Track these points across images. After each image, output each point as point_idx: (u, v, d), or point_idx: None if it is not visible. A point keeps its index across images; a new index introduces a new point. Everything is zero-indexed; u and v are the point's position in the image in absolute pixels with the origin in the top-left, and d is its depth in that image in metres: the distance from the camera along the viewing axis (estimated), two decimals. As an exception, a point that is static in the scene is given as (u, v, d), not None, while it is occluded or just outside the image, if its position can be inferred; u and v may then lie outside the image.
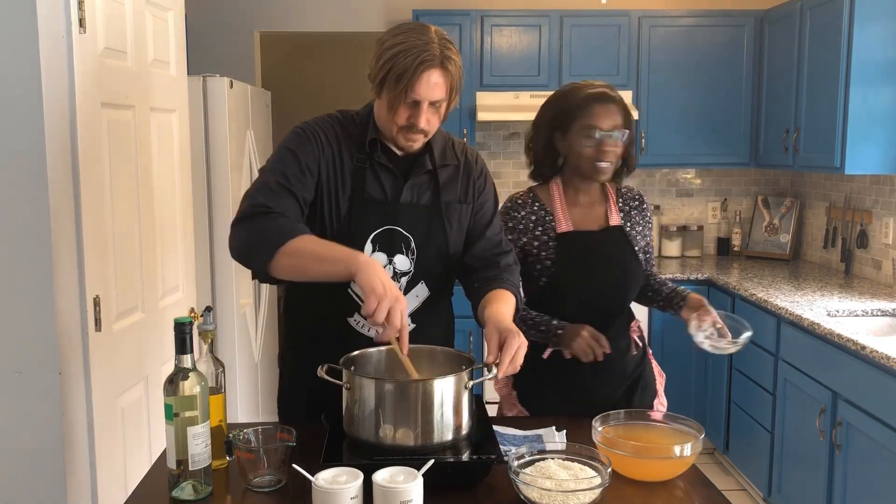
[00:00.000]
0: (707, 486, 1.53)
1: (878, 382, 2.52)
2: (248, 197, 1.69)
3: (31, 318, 1.88)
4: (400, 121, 1.67)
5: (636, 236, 2.11)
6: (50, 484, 1.92)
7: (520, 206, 2.06)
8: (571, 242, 2.02)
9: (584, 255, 2.02)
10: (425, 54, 1.60)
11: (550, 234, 2.03)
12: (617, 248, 2.05)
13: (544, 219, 2.05)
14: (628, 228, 2.09)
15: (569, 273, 2.00)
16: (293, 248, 1.59)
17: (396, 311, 1.49)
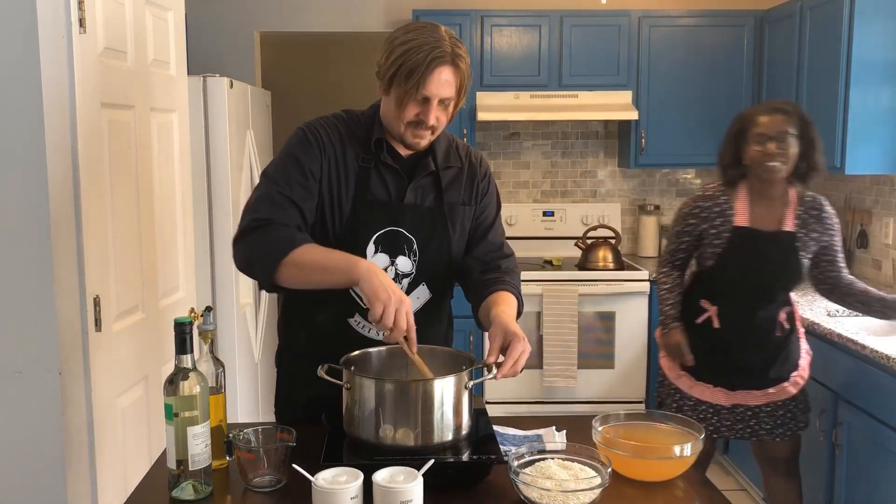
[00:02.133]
0: (707, 486, 1.53)
1: (878, 382, 2.52)
2: (249, 210, 1.69)
3: (31, 318, 1.88)
4: (408, 117, 1.67)
5: (808, 242, 2.43)
6: (50, 484, 1.92)
7: (708, 198, 2.52)
8: (742, 236, 2.43)
9: (750, 249, 2.42)
10: (437, 51, 1.61)
11: (727, 225, 2.45)
12: (781, 250, 2.42)
13: (725, 212, 2.46)
14: (802, 234, 2.42)
15: (732, 261, 2.44)
16: (296, 259, 1.61)
17: (402, 314, 1.51)
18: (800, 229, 2.44)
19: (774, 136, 2.36)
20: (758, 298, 2.46)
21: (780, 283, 2.46)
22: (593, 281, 4.06)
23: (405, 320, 1.52)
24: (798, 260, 2.43)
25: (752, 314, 2.46)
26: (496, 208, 1.90)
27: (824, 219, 2.46)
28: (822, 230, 2.45)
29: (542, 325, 4.05)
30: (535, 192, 4.76)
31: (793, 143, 2.36)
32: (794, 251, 2.43)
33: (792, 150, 2.36)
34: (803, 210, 2.45)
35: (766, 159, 2.36)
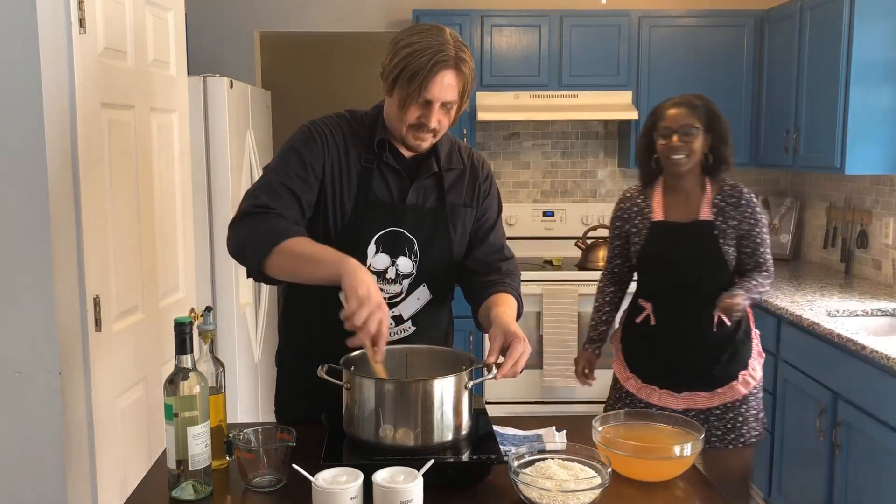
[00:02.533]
0: (707, 486, 1.53)
1: (878, 382, 2.52)
2: (249, 196, 1.69)
3: (31, 318, 1.88)
4: (410, 119, 1.67)
5: (727, 230, 2.38)
6: (50, 484, 1.92)
7: (627, 199, 2.55)
8: (660, 230, 2.44)
9: (667, 241, 2.43)
10: (440, 55, 1.60)
11: (646, 222, 2.47)
12: (699, 240, 2.39)
13: (644, 210, 2.49)
14: (720, 222, 2.38)
15: (654, 255, 2.44)
16: (286, 249, 1.60)
17: (375, 318, 1.46)
18: (717, 217, 2.40)
19: (677, 130, 2.35)
20: (686, 292, 2.42)
21: (704, 274, 2.40)
22: (593, 281, 4.02)
23: (375, 324, 1.46)
24: (718, 248, 2.38)
25: (685, 309, 2.42)
26: (497, 210, 1.90)
27: (742, 206, 2.40)
28: (741, 218, 2.39)
29: (542, 325, 4.05)
30: (535, 192, 4.76)
31: (697, 136, 2.36)
32: (714, 240, 2.39)
33: (696, 144, 2.36)
34: (721, 199, 2.41)
35: (670, 152, 2.37)
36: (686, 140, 2.35)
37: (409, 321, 1.79)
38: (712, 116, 2.39)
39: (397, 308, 1.77)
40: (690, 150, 2.36)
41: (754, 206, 2.41)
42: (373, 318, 1.46)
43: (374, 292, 1.49)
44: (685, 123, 2.35)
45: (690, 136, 2.35)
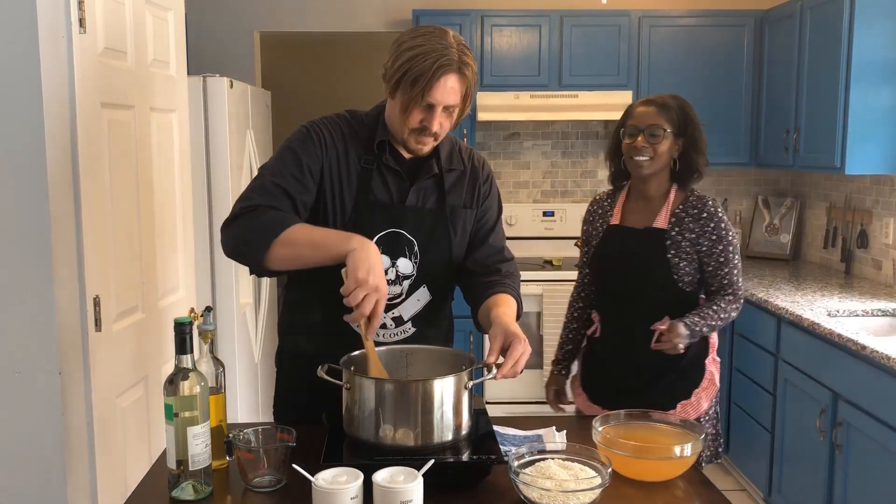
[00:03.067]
0: (707, 486, 1.53)
1: (878, 382, 2.52)
2: (241, 199, 1.69)
3: (31, 318, 1.88)
4: (412, 123, 1.67)
5: (682, 242, 2.16)
6: (50, 484, 1.92)
7: (595, 202, 2.38)
8: (613, 234, 2.26)
9: (617, 246, 2.24)
10: (444, 59, 1.60)
11: (604, 227, 2.29)
12: (649, 248, 2.18)
13: (607, 213, 2.31)
14: (674, 233, 2.16)
15: (601, 260, 2.27)
16: (288, 238, 1.60)
17: (371, 298, 1.50)
18: (673, 227, 2.17)
19: (643, 129, 2.16)
20: (629, 304, 2.20)
21: (647, 285, 2.18)
22: (593, 281, 4.06)
23: (370, 306, 1.51)
24: (666, 260, 2.15)
25: (626, 323, 2.20)
26: (497, 212, 1.90)
27: (703, 219, 2.16)
28: (700, 232, 2.15)
29: (542, 325, 4.05)
30: (535, 192, 4.76)
31: (665, 138, 2.15)
32: (663, 250, 2.16)
33: (662, 147, 2.15)
34: (682, 209, 2.19)
35: (633, 153, 2.17)
36: (652, 141, 2.15)
37: (408, 322, 1.79)
38: (686, 120, 2.19)
39: (397, 309, 1.77)
40: (655, 153, 2.15)
41: (718, 221, 2.17)
42: (368, 299, 1.50)
43: (373, 275, 1.51)
44: (652, 123, 2.15)
45: (657, 137, 2.15)
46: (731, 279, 2.18)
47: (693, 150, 2.19)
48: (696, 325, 2.08)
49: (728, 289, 2.18)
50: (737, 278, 2.20)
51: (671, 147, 2.17)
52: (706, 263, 2.17)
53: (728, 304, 2.17)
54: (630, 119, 2.21)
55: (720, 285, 2.18)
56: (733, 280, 2.19)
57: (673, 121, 2.16)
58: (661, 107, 2.18)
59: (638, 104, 2.23)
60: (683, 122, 2.18)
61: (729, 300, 2.17)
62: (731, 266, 2.18)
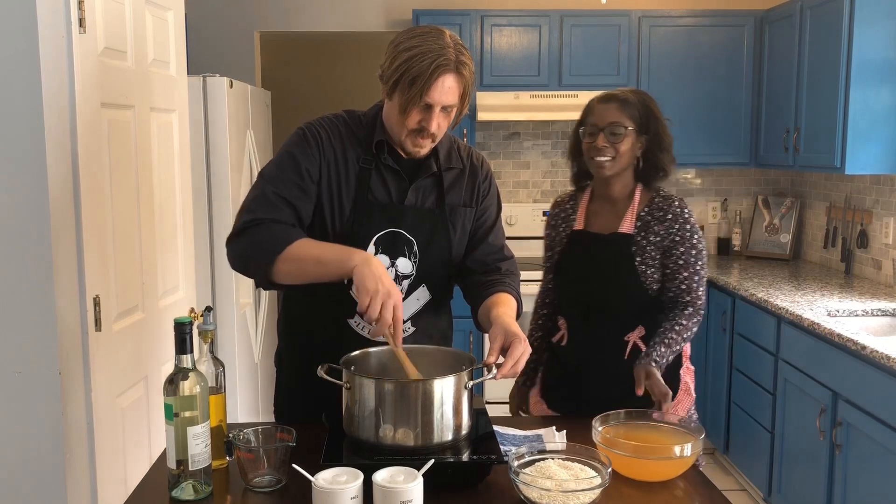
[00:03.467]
0: (707, 486, 1.53)
1: (878, 382, 2.52)
2: (244, 211, 1.70)
3: (31, 318, 1.88)
4: (411, 124, 1.67)
5: (647, 247, 2.03)
6: (50, 484, 1.92)
7: (557, 204, 2.24)
8: (578, 240, 2.12)
9: (582, 253, 2.10)
10: (441, 59, 1.60)
11: (568, 231, 2.15)
12: (614, 255, 2.05)
13: (570, 217, 2.17)
14: (640, 238, 2.03)
15: (566, 268, 2.12)
16: (291, 254, 1.61)
17: (388, 307, 1.51)
18: (639, 232, 2.04)
19: (604, 128, 2.02)
20: (598, 314, 2.08)
21: (616, 296, 2.06)
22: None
23: (390, 314, 1.51)
24: (632, 267, 2.02)
25: (595, 334, 2.08)
26: (497, 210, 1.90)
27: (668, 220, 2.03)
28: (665, 233, 2.02)
29: (542, 325, 4.04)
30: (535, 192, 4.76)
31: (627, 137, 2.01)
32: (629, 257, 2.03)
33: (624, 146, 2.01)
34: (648, 211, 2.06)
35: (594, 153, 2.03)
36: (613, 140, 2.01)
37: (408, 322, 1.79)
38: (649, 115, 2.06)
39: None
40: (617, 152, 2.01)
41: (683, 222, 2.03)
42: (386, 309, 1.50)
43: (383, 281, 1.51)
44: (613, 121, 2.01)
45: (618, 136, 2.01)
46: (689, 286, 2.03)
47: (657, 148, 2.07)
48: (663, 357, 1.96)
49: (686, 296, 2.03)
50: (697, 286, 2.04)
51: (634, 145, 2.04)
52: (665, 265, 2.04)
53: (688, 319, 2.03)
54: (589, 117, 2.07)
55: (677, 291, 2.04)
56: (692, 287, 2.04)
57: (635, 117, 2.03)
58: (622, 103, 2.04)
59: (597, 100, 2.09)
60: (646, 118, 2.06)
61: (688, 314, 2.03)
62: (693, 272, 2.03)
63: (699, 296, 2.05)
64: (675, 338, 2.00)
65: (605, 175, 2.05)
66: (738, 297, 3.65)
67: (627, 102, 2.04)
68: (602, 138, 2.01)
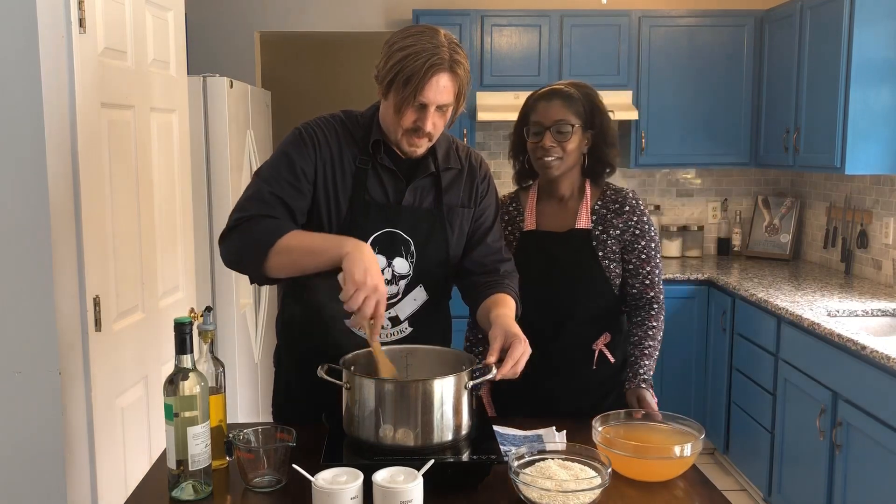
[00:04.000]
0: (707, 486, 1.53)
1: (878, 382, 2.52)
2: (237, 209, 1.69)
3: (31, 318, 1.88)
4: (406, 123, 1.66)
5: (607, 241, 1.97)
6: (50, 484, 1.92)
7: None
8: (530, 242, 2.02)
9: (539, 255, 2.00)
10: (435, 58, 1.60)
11: (517, 234, 2.04)
12: (573, 252, 1.98)
13: (516, 219, 2.06)
14: (598, 232, 1.98)
15: (522, 271, 1.93)
16: (284, 246, 1.60)
17: (371, 301, 1.49)
18: (597, 226, 1.98)
19: (549, 126, 1.92)
20: (560, 316, 1.98)
21: (581, 295, 1.97)
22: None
23: (370, 308, 1.50)
24: (595, 264, 1.96)
25: (559, 339, 1.97)
26: (495, 211, 1.90)
27: (626, 212, 1.98)
28: (624, 227, 1.97)
29: (542, 325, 4.04)
30: (535, 192, 4.75)
31: (574, 134, 1.93)
32: (592, 252, 1.96)
33: (571, 144, 1.93)
34: (602, 204, 2.00)
35: (540, 153, 1.94)
36: (559, 139, 1.92)
37: (405, 322, 1.79)
38: (594, 110, 1.97)
39: (394, 309, 1.77)
40: (564, 151, 1.93)
41: (641, 214, 1.99)
42: (368, 301, 1.49)
43: (370, 275, 1.50)
44: (558, 119, 1.92)
45: (564, 134, 1.92)
46: (652, 280, 1.99)
47: (603, 143, 1.99)
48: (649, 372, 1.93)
49: (650, 291, 1.99)
50: (658, 280, 2.00)
51: (580, 143, 1.96)
52: (626, 261, 1.99)
53: (656, 318, 1.99)
54: (532, 115, 1.96)
55: (642, 287, 1.99)
56: (654, 282, 1.99)
57: (580, 113, 1.94)
58: (567, 99, 1.94)
59: (539, 97, 1.97)
60: (590, 113, 1.96)
61: (655, 312, 2.00)
62: (654, 265, 1.99)
63: (661, 289, 2.02)
64: (652, 345, 1.97)
65: (554, 175, 1.97)
66: (738, 297, 3.65)
67: (571, 98, 1.94)
68: (548, 137, 1.92)
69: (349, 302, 1.49)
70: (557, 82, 2.04)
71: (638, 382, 1.91)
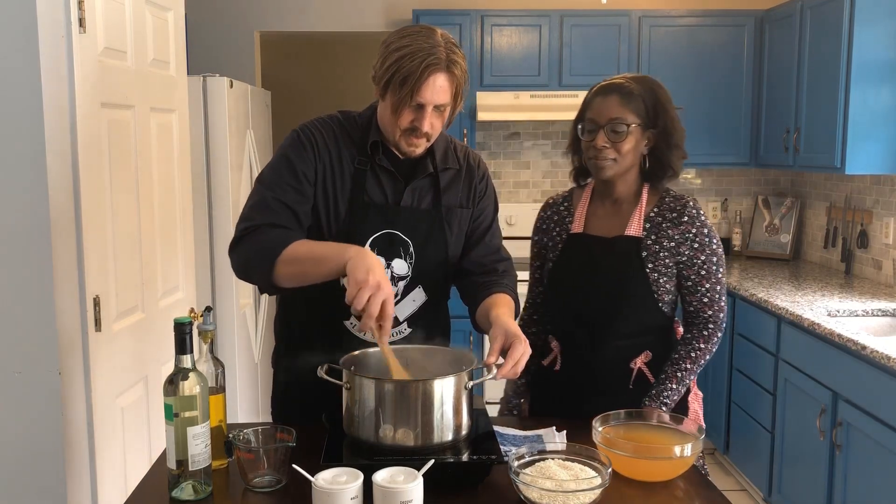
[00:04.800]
0: (707, 486, 1.53)
1: (878, 382, 2.52)
2: (243, 219, 1.69)
3: (31, 318, 1.88)
4: (403, 124, 1.66)
5: (659, 252, 1.82)
6: (50, 484, 1.92)
7: (549, 206, 2.00)
8: (576, 245, 1.89)
9: (583, 260, 1.87)
10: (431, 58, 1.59)
11: (563, 236, 1.92)
12: (620, 260, 1.83)
13: (565, 219, 1.94)
14: (650, 242, 1.82)
15: (564, 276, 1.87)
16: (290, 256, 1.60)
17: (376, 299, 1.47)
18: (649, 235, 1.83)
19: (604, 125, 1.79)
20: (599, 330, 1.83)
21: (625, 307, 1.82)
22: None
23: (377, 306, 1.47)
24: (641, 275, 1.80)
25: (596, 353, 1.84)
26: (494, 211, 1.89)
27: (684, 223, 1.82)
28: (681, 238, 1.81)
29: (542, 325, 4.04)
30: (535, 192, 4.76)
31: (630, 134, 1.78)
32: (640, 263, 1.80)
33: (626, 145, 1.78)
34: (658, 212, 1.84)
35: (592, 153, 1.81)
36: (614, 139, 1.78)
37: (405, 323, 1.79)
38: (657, 107, 1.81)
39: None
40: (619, 152, 1.79)
41: (701, 226, 1.82)
42: (374, 300, 1.47)
43: (373, 274, 1.48)
44: (614, 118, 1.78)
45: (620, 134, 1.78)
46: (712, 297, 1.83)
47: (666, 145, 1.82)
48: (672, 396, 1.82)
49: (707, 310, 1.84)
50: (719, 297, 1.84)
51: (639, 143, 1.81)
52: (685, 276, 1.83)
53: (707, 340, 1.85)
54: (588, 112, 1.85)
55: (699, 305, 1.84)
56: (715, 299, 1.84)
57: (640, 111, 1.79)
58: (625, 95, 1.79)
59: (596, 92, 1.84)
60: (653, 110, 1.81)
61: (708, 334, 1.85)
62: (715, 281, 1.83)
63: (722, 307, 1.85)
64: (689, 368, 1.83)
65: (606, 176, 1.83)
66: (738, 297, 3.65)
67: (631, 94, 1.79)
68: (602, 137, 1.79)
69: (354, 302, 1.47)
70: (619, 75, 1.88)
71: (658, 404, 1.80)
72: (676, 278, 1.85)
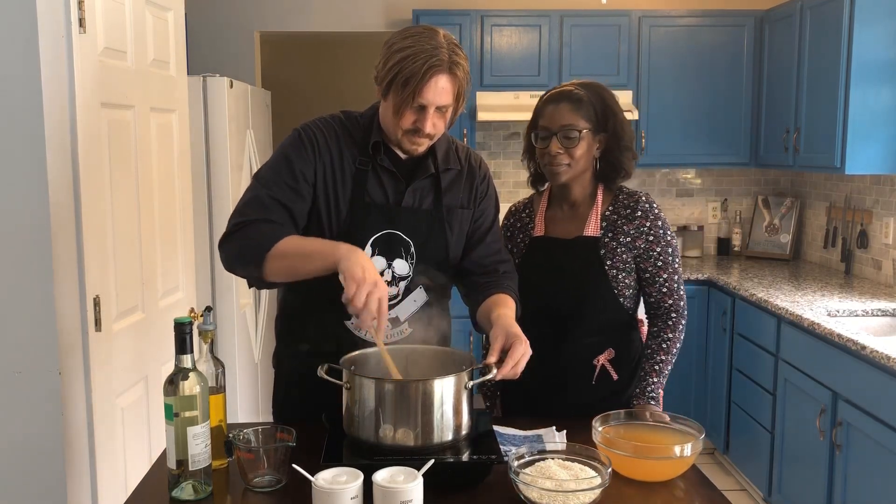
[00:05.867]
0: (707, 486, 1.53)
1: (878, 382, 2.52)
2: (236, 213, 1.69)
3: (31, 318, 1.88)
4: (405, 124, 1.66)
5: (617, 249, 1.89)
6: (50, 484, 1.92)
7: (512, 213, 2.08)
8: (537, 248, 1.97)
9: (543, 261, 1.94)
10: (434, 59, 1.59)
11: (526, 240, 2.00)
12: (579, 261, 1.90)
13: (527, 225, 2.01)
14: (608, 240, 1.90)
15: (525, 277, 1.90)
16: (280, 251, 1.61)
17: (374, 297, 1.48)
18: (606, 234, 1.89)
19: (556, 132, 1.85)
20: (562, 328, 1.90)
21: (586, 306, 1.89)
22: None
23: (375, 303, 1.48)
24: (601, 273, 1.87)
25: (560, 352, 1.90)
26: (494, 212, 1.90)
27: (638, 217, 1.88)
28: (636, 233, 1.88)
29: (542, 325, 4.04)
30: (535, 192, 4.75)
31: (583, 139, 1.85)
32: (598, 262, 1.87)
33: (579, 150, 1.85)
34: (612, 210, 1.91)
35: (547, 160, 1.87)
36: (567, 145, 1.84)
37: (405, 323, 1.79)
38: (606, 112, 1.88)
39: (394, 310, 1.77)
40: (572, 157, 1.85)
41: (654, 219, 1.89)
42: (371, 298, 1.48)
43: (369, 272, 1.50)
44: (566, 124, 1.84)
45: (572, 140, 1.84)
46: (671, 287, 1.90)
47: (617, 147, 1.89)
48: (657, 389, 1.86)
49: (668, 299, 1.90)
50: (678, 286, 1.90)
51: (591, 147, 1.88)
52: (643, 269, 1.90)
53: (674, 329, 1.90)
54: (540, 119, 1.91)
55: (659, 295, 1.90)
56: (674, 289, 1.90)
57: (590, 117, 1.86)
58: (575, 102, 1.86)
59: (547, 100, 1.91)
60: (603, 115, 1.87)
61: (673, 323, 1.91)
62: (672, 271, 1.89)
63: (681, 295, 1.92)
64: (664, 359, 1.88)
65: (562, 181, 1.90)
66: (738, 297, 3.65)
67: (581, 101, 1.86)
68: (555, 143, 1.85)
69: (353, 300, 1.48)
70: (567, 83, 1.95)
71: (646, 400, 1.85)
72: (635, 272, 1.92)
